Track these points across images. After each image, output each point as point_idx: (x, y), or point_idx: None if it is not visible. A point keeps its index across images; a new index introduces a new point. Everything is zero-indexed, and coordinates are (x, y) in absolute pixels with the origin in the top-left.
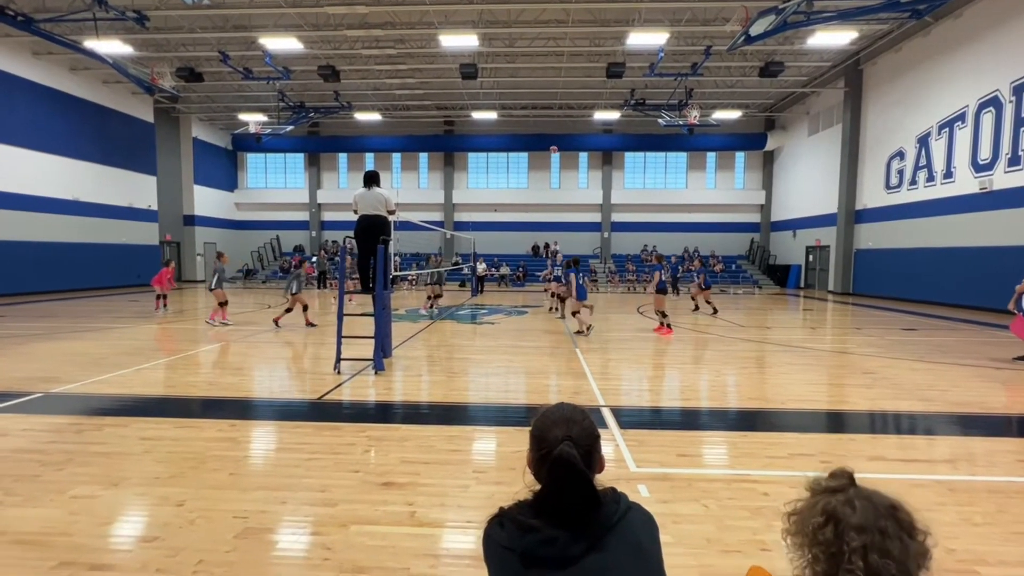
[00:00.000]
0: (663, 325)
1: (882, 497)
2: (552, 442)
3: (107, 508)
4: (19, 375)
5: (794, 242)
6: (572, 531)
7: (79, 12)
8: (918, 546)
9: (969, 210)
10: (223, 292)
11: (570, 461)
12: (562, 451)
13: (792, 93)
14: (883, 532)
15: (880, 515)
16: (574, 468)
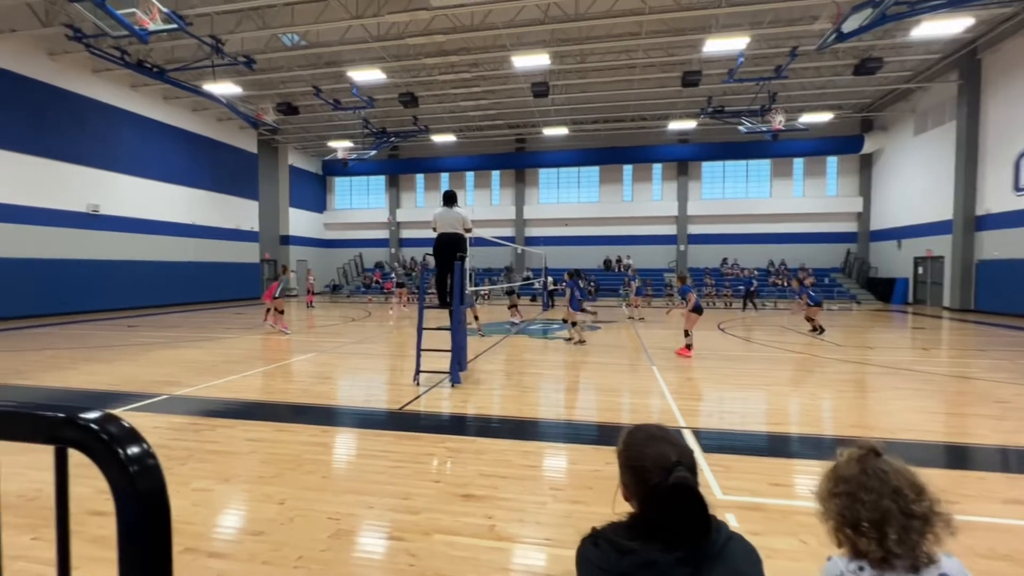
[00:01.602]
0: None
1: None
2: (660, 469)
3: (221, 501)
4: (149, 378)
5: (899, 253)
6: (674, 556)
7: (200, 60)
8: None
9: None
10: (282, 301)
11: (691, 488)
12: (682, 479)
13: (893, 90)
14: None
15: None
16: (694, 495)
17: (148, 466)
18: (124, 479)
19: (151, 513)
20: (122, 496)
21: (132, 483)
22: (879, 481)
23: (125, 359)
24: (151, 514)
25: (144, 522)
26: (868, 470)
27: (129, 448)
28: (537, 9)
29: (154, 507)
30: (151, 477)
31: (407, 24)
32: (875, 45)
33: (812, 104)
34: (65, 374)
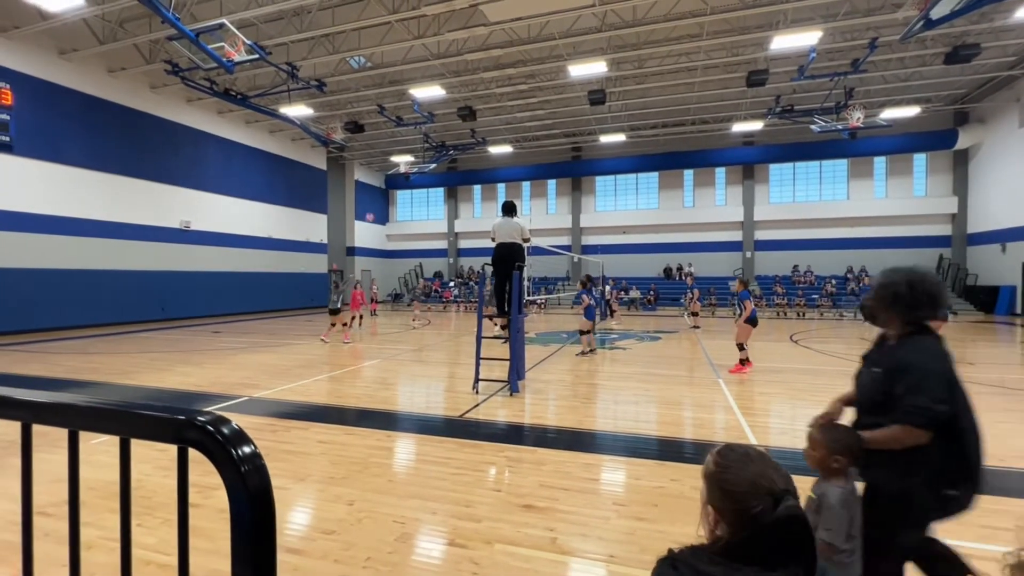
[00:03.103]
0: (743, 361)
1: None
2: (765, 493)
3: (297, 500)
4: (231, 380)
5: (1004, 257)
6: None
7: (278, 86)
8: None
9: None
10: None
11: (804, 521)
12: (793, 510)
13: (993, 79)
14: None
15: None
16: (806, 531)
17: (257, 465)
18: (237, 477)
19: (259, 508)
20: (235, 492)
21: (244, 481)
22: None
23: (212, 362)
24: (259, 509)
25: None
26: None
27: (241, 448)
28: (594, 17)
29: (262, 503)
30: (260, 476)
31: (466, 40)
32: (970, 30)
33: (896, 98)
34: (163, 375)
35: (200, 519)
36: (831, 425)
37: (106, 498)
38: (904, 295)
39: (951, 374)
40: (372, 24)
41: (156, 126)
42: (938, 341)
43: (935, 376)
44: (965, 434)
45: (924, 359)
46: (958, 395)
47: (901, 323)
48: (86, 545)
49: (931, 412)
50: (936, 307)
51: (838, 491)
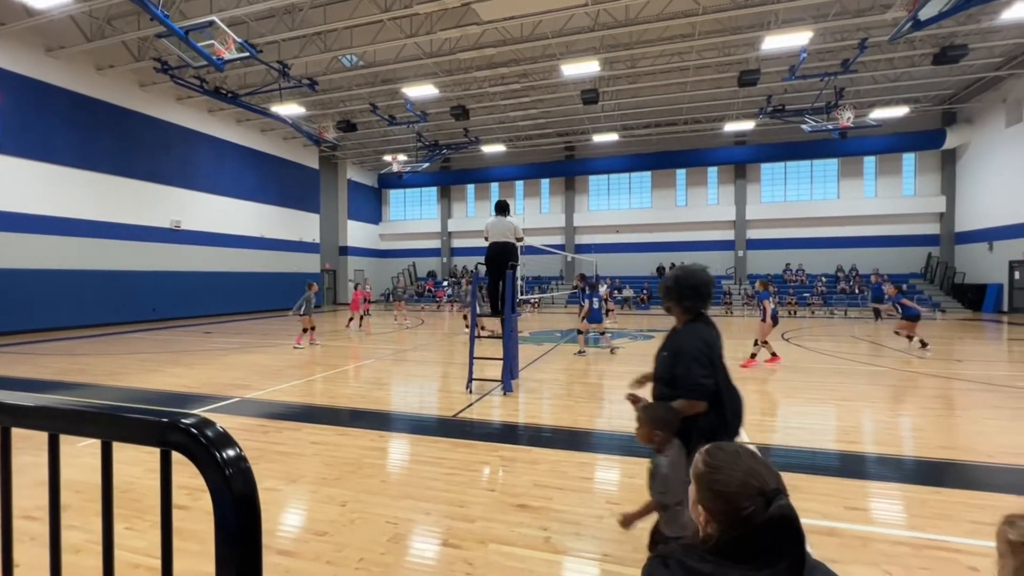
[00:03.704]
0: (771, 355)
1: None
2: (756, 493)
3: (289, 501)
4: (223, 381)
5: (991, 256)
6: None
7: (269, 84)
8: None
9: None
10: (311, 319)
11: (795, 522)
12: (786, 509)
13: (980, 79)
14: None
15: None
16: (798, 530)
17: (242, 468)
18: (221, 480)
19: (244, 512)
20: (219, 496)
21: (228, 484)
22: None
23: (203, 363)
24: (244, 512)
25: (238, 519)
26: None
27: (225, 451)
28: (587, 16)
29: (247, 506)
30: (244, 479)
31: (458, 39)
32: (957, 31)
33: (885, 98)
34: (152, 376)
35: (189, 522)
36: (650, 404)
37: (94, 501)
38: (672, 288)
39: (711, 353)
40: (364, 22)
41: (145, 125)
42: (707, 328)
43: (701, 357)
44: (723, 401)
45: (693, 344)
46: (719, 370)
47: (681, 312)
48: (73, 549)
49: (702, 386)
50: (698, 298)
51: (665, 460)
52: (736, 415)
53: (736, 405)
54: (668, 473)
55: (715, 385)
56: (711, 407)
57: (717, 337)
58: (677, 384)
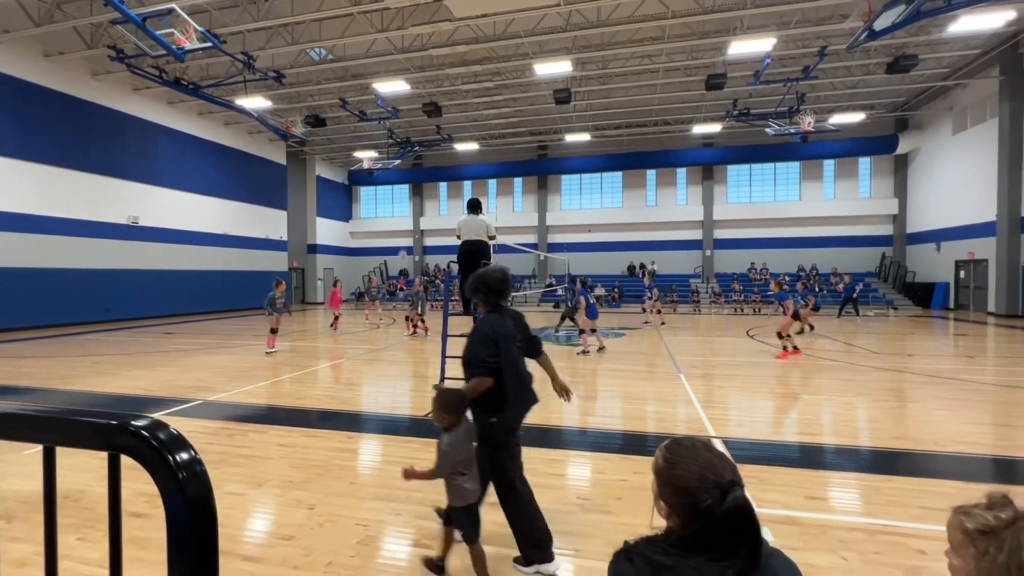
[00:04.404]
0: (792, 348)
1: None
2: (713, 486)
3: (253, 505)
4: (184, 384)
5: (939, 256)
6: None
7: (233, 76)
8: None
9: None
10: (276, 319)
11: (750, 511)
12: (742, 500)
13: (929, 88)
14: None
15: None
16: (753, 519)
17: (196, 472)
18: (174, 485)
19: (199, 518)
20: (172, 502)
21: (181, 489)
22: None
23: (163, 365)
24: (199, 519)
25: (193, 527)
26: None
27: (178, 455)
28: (559, 16)
29: (202, 512)
30: (199, 483)
31: (430, 35)
32: (909, 42)
33: (843, 104)
34: (108, 379)
35: (148, 530)
36: (443, 390)
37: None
38: (471, 283)
39: (498, 337)
40: (333, 15)
41: (99, 115)
42: (501, 317)
43: (486, 340)
44: (507, 380)
45: (482, 329)
46: (504, 353)
47: (482, 304)
48: (18, 563)
49: (485, 363)
50: (491, 292)
51: (446, 438)
52: (521, 393)
53: (521, 385)
54: (447, 450)
55: (498, 364)
56: (496, 384)
57: (515, 326)
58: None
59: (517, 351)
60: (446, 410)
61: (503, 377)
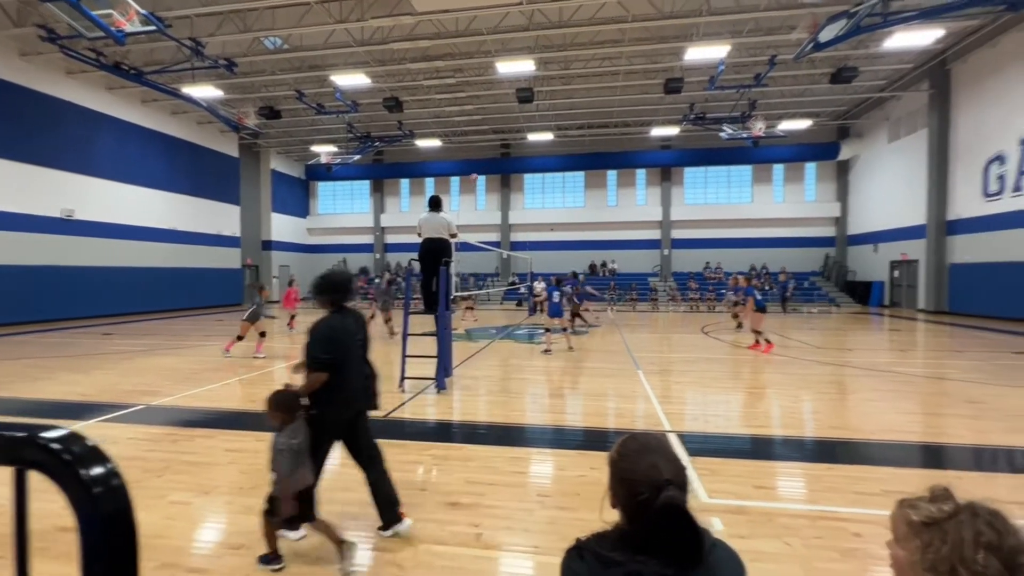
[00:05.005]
0: (766, 342)
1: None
2: (651, 484)
3: (200, 515)
4: (125, 388)
5: (876, 257)
6: (658, 569)
7: (180, 63)
8: None
9: None
10: (257, 324)
11: (682, 509)
12: (673, 499)
13: (868, 99)
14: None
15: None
16: (685, 517)
17: (112, 487)
18: (87, 501)
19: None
20: (85, 519)
21: (95, 505)
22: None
23: (101, 368)
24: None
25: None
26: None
27: (92, 468)
28: (521, 15)
29: (119, 529)
30: (116, 498)
31: (391, 29)
32: (850, 55)
33: (791, 111)
34: (40, 385)
35: None
36: (276, 392)
37: None
38: (316, 284)
39: (335, 334)
40: (288, 3)
41: (27, 99)
42: (342, 317)
43: (322, 339)
44: (343, 375)
45: (319, 328)
46: (339, 349)
47: (323, 305)
48: None
49: (319, 360)
50: (335, 292)
51: (280, 437)
52: (350, 391)
53: (356, 382)
54: (283, 449)
55: (333, 361)
56: (331, 379)
57: (355, 324)
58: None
59: (355, 351)
60: (279, 409)
61: (336, 374)
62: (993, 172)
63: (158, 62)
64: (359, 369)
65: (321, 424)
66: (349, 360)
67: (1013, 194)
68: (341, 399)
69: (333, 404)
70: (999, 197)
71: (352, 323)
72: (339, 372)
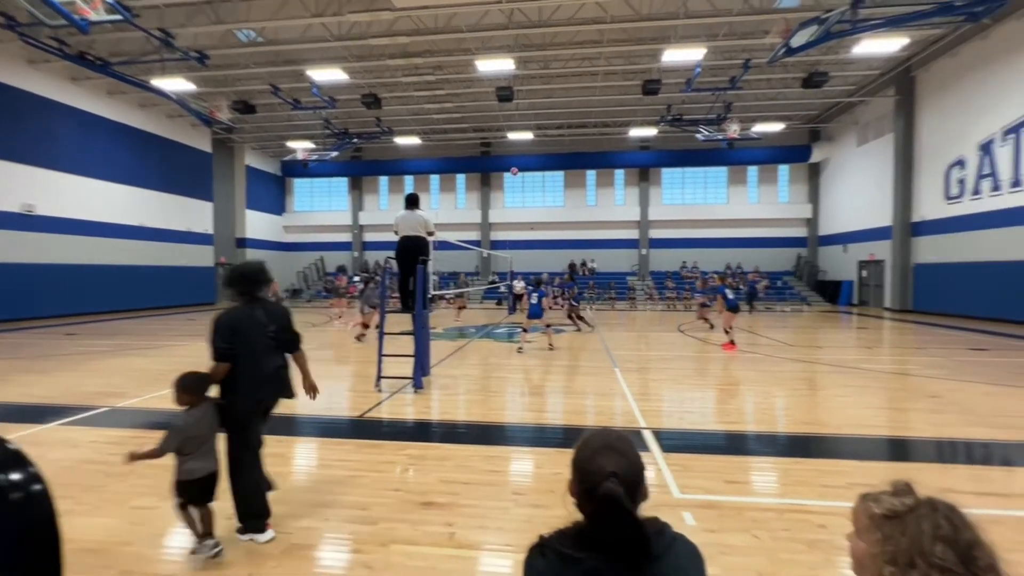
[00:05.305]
0: (732, 342)
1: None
2: (596, 475)
3: (164, 520)
4: (89, 390)
5: (845, 257)
6: (615, 564)
7: (149, 54)
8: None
9: None
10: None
11: (616, 500)
12: (608, 489)
13: (838, 103)
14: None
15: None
16: (620, 508)
17: (32, 493)
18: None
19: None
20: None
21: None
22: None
23: (64, 369)
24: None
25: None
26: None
27: (11, 473)
28: (501, 14)
29: (40, 536)
30: (36, 505)
31: (369, 24)
32: (821, 60)
33: (764, 114)
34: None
35: None
36: (184, 374)
37: None
38: (226, 275)
39: (237, 325)
40: None
41: None
42: (249, 309)
43: (223, 329)
44: (241, 367)
45: (221, 320)
46: (241, 340)
47: (236, 296)
48: None
49: (219, 349)
50: (244, 284)
51: (183, 417)
52: (255, 382)
53: (256, 374)
54: (180, 426)
55: (233, 351)
56: (234, 369)
57: (266, 316)
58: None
59: (263, 342)
60: (185, 391)
61: (239, 364)
62: (954, 176)
63: (125, 53)
64: (270, 360)
65: (232, 413)
66: (254, 351)
67: (972, 197)
68: (246, 388)
69: (239, 393)
70: (959, 200)
71: (263, 315)
72: (242, 362)
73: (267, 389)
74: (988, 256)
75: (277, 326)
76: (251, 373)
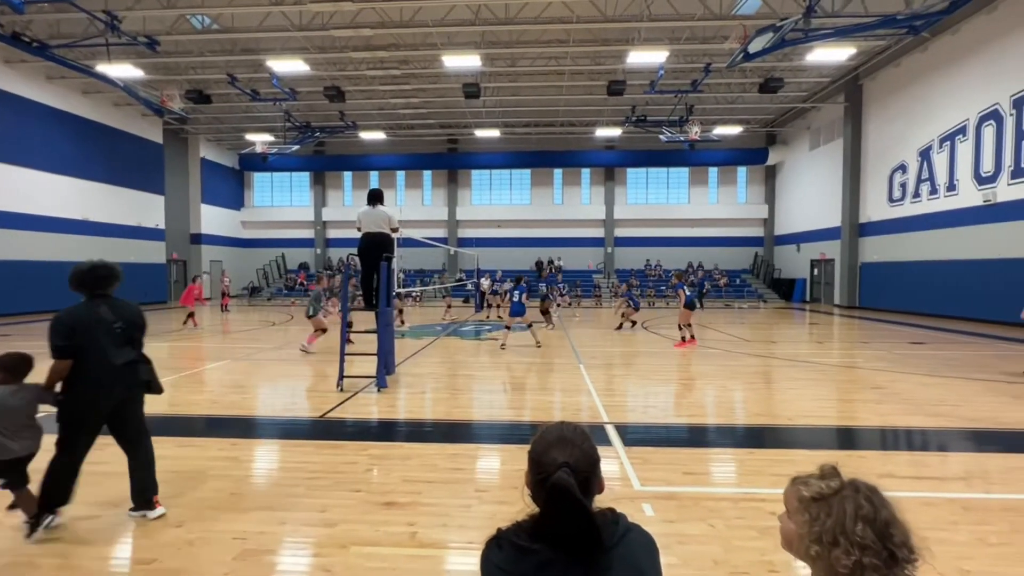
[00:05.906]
0: (684, 339)
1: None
2: (549, 466)
3: (109, 529)
4: None
5: (798, 256)
6: (569, 555)
7: (92, 37)
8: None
9: (973, 222)
10: (320, 320)
11: (567, 490)
12: (559, 479)
13: (792, 108)
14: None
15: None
16: (570, 497)
17: None
18: None
19: None
20: None
21: None
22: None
23: None
24: None
25: None
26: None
27: None
28: (467, 10)
29: None
30: None
31: (332, 15)
32: (777, 67)
33: (724, 117)
34: None
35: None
36: (5, 352)
37: None
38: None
39: (75, 323)
40: None
41: None
42: (91, 306)
43: (58, 327)
44: (87, 362)
45: (59, 317)
46: (79, 337)
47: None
48: None
49: (55, 347)
50: (73, 284)
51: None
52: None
53: (104, 368)
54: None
55: (71, 348)
56: (75, 366)
57: (112, 313)
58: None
59: (110, 338)
60: (2, 368)
61: (80, 361)
62: (896, 180)
63: (67, 35)
64: (119, 355)
65: (71, 410)
66: (95, 348)
67: (913, 200)
68: (83, 389)
69: (76, 390)
70: (901, 203)
71: (107, 311)
72: (88, 358)
73: (117, 385)
74: (926, 256)
75: (124, 322)
76: (97, 370)
